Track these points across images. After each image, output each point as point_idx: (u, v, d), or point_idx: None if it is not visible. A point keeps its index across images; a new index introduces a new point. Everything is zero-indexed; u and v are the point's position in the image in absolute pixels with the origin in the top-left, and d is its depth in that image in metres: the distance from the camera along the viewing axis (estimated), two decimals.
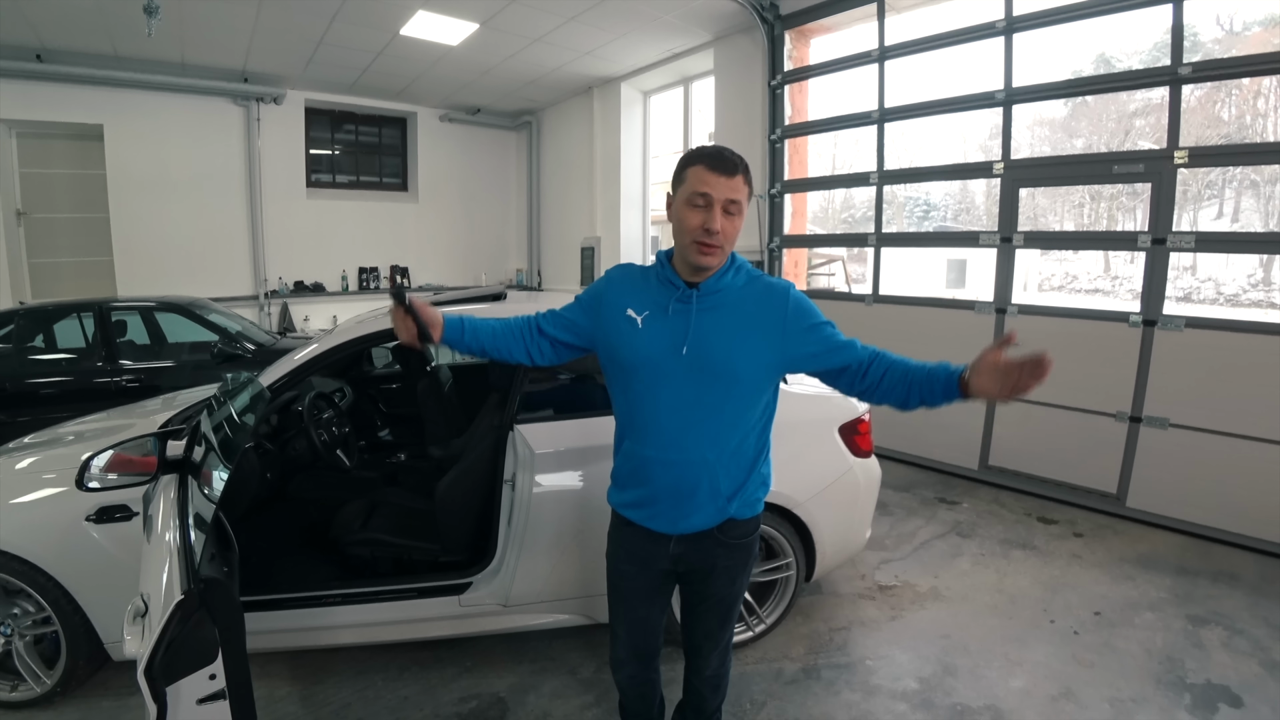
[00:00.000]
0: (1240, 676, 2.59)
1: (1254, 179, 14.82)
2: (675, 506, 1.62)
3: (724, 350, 1.55)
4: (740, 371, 1.57)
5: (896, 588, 3.33)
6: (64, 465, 2.36)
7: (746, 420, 1.62)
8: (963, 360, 1.49)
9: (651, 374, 1.58)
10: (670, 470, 1.60)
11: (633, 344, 1.60)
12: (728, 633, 1.84)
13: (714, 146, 1.57)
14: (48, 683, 2.40)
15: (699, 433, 1.58)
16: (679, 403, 1.57)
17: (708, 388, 1.56)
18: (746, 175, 1.55)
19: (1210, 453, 3.79)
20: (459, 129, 9.60)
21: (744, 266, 1.66)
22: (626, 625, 1.82)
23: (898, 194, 13.14)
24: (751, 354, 1.57)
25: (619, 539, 1.77)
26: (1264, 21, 6.71)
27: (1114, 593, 3.25)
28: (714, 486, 1.60)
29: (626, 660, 1.86)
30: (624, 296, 1.65)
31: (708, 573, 1.71)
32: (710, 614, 1.79)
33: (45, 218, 7.22)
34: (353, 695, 2.51)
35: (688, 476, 1.59)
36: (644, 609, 1.79)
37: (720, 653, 1.85)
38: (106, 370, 4.96)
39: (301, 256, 8.59)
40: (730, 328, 1.57)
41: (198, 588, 1.32)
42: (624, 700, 1.97)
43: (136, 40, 6.19)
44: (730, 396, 1.58)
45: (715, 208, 1.50)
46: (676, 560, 1.69)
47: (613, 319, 1.64)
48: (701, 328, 1.56)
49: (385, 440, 4.16)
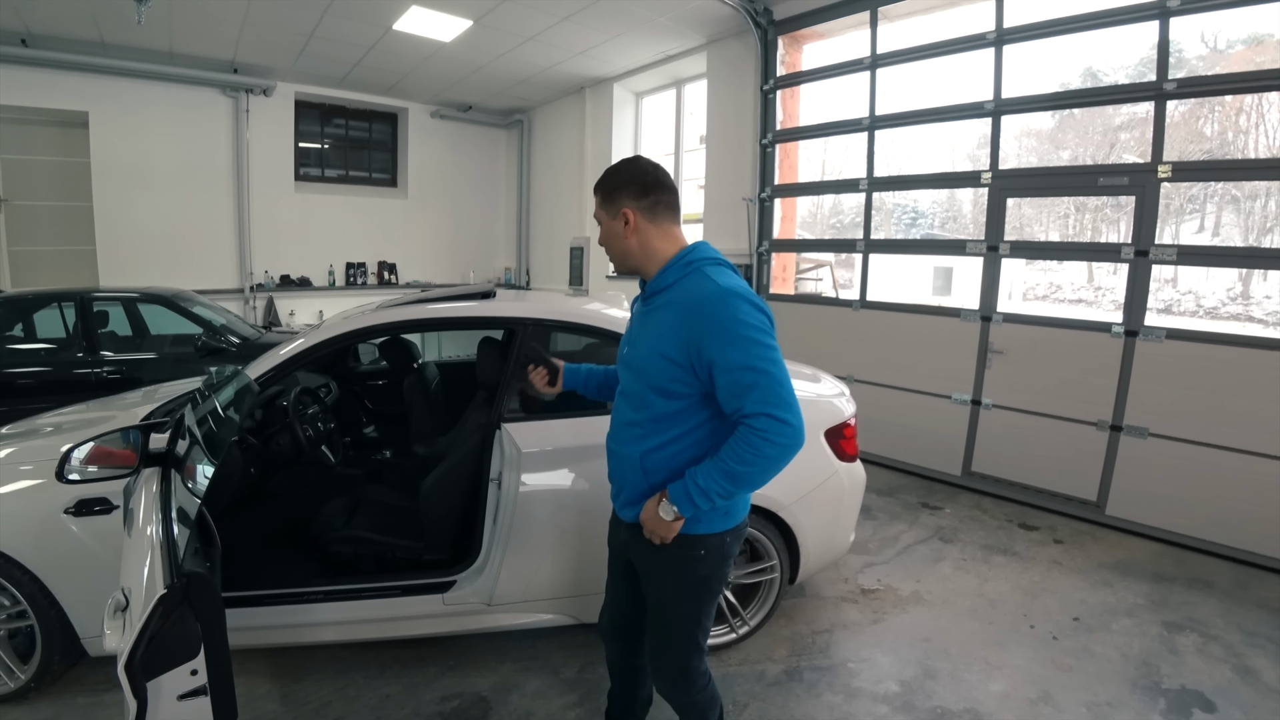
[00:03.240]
0: (1214, 681, 2.64)
1: (1235, 194, 15.07)
2: (620, 493, 1.77)
3: (643, 353, 1.64)
4: (648, 373, 1.61)
5: (879, 591, 3.36)
6: (42, 457, 2.33)
7: (674, 426, 1.61)
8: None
9: (618, 371, 1.80)
10: (613, 459, 1.77)
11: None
12: (678, 658, 1.74)
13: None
14: (22, 678, 2.36)
15: (626, 430, 1.71)
16: (620, 399, 1.76)
17: (631, 387, 1.69)
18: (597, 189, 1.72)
19: (1188, 462, 3.86)
20: (450, 126, 9.56)
21: (696, 262, 1.61)
22: (610, 595, 1.98)
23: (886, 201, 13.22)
24: (659, 357, 1.57)
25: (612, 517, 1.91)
26: (1247, 40, 6.83)
27: (1092, 598, 3.30)
28: (640, 483, 1.68)
29: (608, 632, 2.00)
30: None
31: (643, 567, 1.77)
32: (652, 623, 1.77)
33: (26, 205, 7.09)
34: (333, 693, 2.50)
35: (622, 468, 1.73)
36: (620, 586, 1.91)
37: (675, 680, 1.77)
38: (87, 361, 4.89)
39: (288, 250, 8.50)
40: (654, 330, 1.62)
41: (181, 582, 1.31)
42: (612, 684, 2.08)
43: (124, 27, 6.10)
44: (645, 398, 1.64)
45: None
46: (627, 546, 1.79)
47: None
48: (639, 328, 1.71)
49: (370, 437, 4.13)
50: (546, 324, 2.69)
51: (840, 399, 3.02)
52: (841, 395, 3.07)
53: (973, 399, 4.77)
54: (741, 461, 1.47)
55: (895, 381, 5.22)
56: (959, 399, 4.83)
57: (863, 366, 5.37)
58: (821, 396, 3.01)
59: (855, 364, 5.38)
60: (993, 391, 4.69)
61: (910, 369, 5.13)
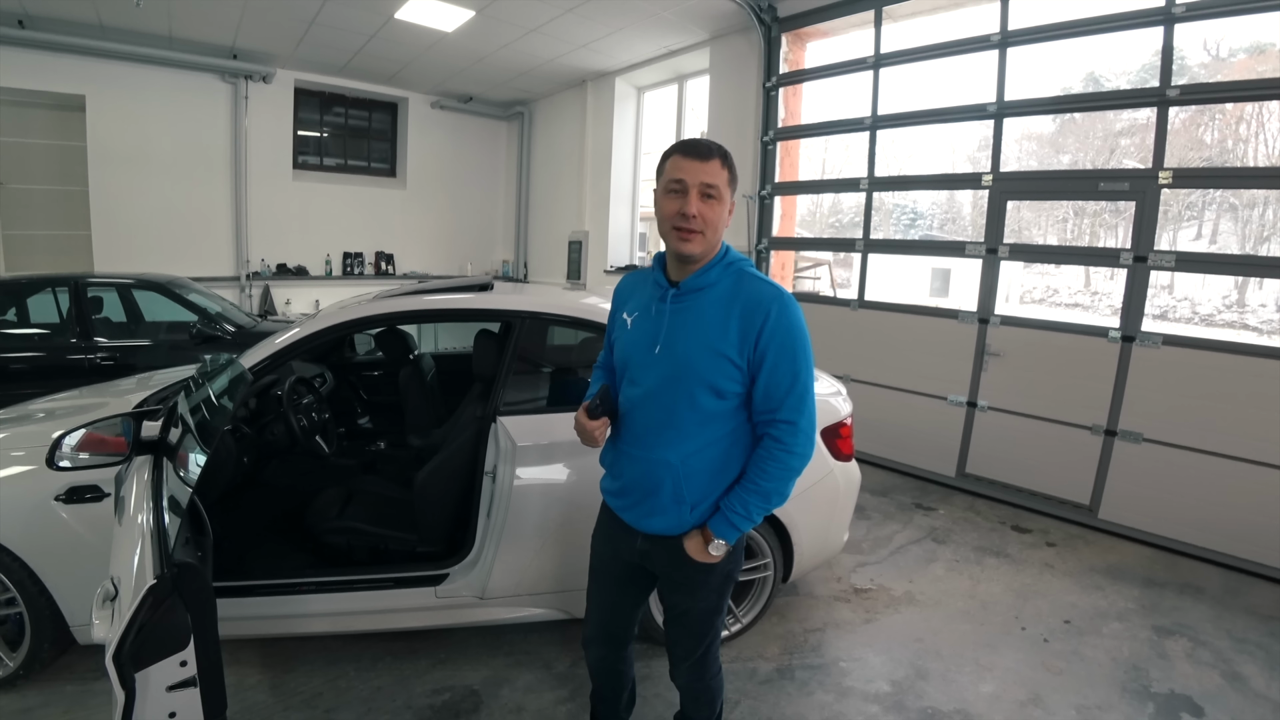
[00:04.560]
0: (1202, 687, 2.65)
1: (1233, 202, 15.12)
2: (641, 502, 1.66)
3: (691, 348, 1.55)
4: (703, 371, 1.53)
5: (872, 591, 3.36)
6: (33, 443, 2.31)
7: (714, 428, 1.58)
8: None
9: (633, 371, 1.64)
10: (636, 466, 1.65)
11: (622, 344, 1.69)
12: (700, 649, 1.78)
13: (691, 139, 1.63)
14: (10, 665, 2.35)
15: (660, 433, 1.60)
16: (648, 400, 1.60)
17: (671, 386, 1.57)
18: (725, 160, 1.56)
19: (1181, 468, 3.87)
20: (450, 116, 9.51)
21: (737, 263, 1.61)
22: (597, 605, 1.88)
23: (885, 201, 13.24)
24: (717, 355, 1.53)
25: (601, 520, 1.84)
26: (1249, 49, 6.84)
27: (1084, 602, 3.31)
28: (676, 491, 1.60)
29: (595, 639, 1.91)
30: (625, 302, 1.73)
31: (670, 580, 1.72)
32: (676, 624, 1.77)
33: (22, 188, 7.04)
34: (324, 685, 2.49)
35: (651, 475, 1.62)
36: (615, 594, 1.84)
37: (693, 666, 1.80)
38: (80, 347, 4.86)
39: (285, 239, 8.46)
40: (702, 325, 1.55)
41: (171, 572, 1.30)
42: (594, 685, 2.02)
43: (123, 10, 6.05)
44: (694, 398, 1.55)
45: (691, 192, 1.52)
46: (644, 557, 1.71)
47: (614, 325, 1.77)
48: (675, 326, 1.58)
49: (365, 428, 4.11)
50: (544, 317, 2.68)
51: (837, 398, 3.02)
52: (838, 394, 3.07)
53: (968, 401, 4.78)
54: (771, 478, 1.56)
55: (891, 382, 5.23)
56: (955, 400, 4.84)
57: (859, 366, 5.37)
58: (818, 395, 3.00)
59: (852, 363, 5.38)
60: (988, 394, 4.70)
61: (907, 370, 5.13)
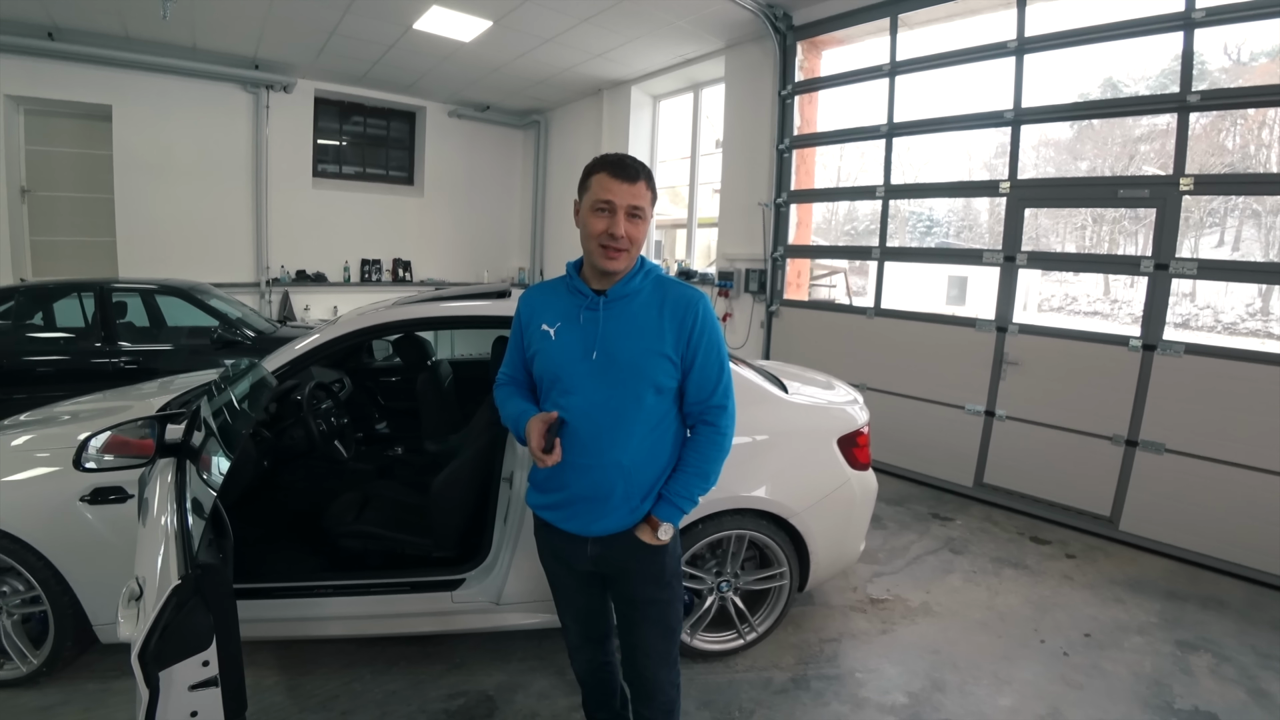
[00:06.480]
0: (1226, 703, 2.60)
1: (1255, 209, 14.91)
2: (589, 510, 1.67)
3: (632, 352, 1.60)
4: (648, 372, 1.60)
5: (888, 601, 3.33)
6: (59, 444, 2.35)
7: (652, 423, 1.65)
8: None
9: (565, 382, 1.64)
10: (586, 475, 1.65)
11: (548, 354, 1.67)
12: (664, 644, 1.78)
13: (616, 155, 1.67)
14: (34, 662, 2.39)
15: (611, 437, 1.62)
16: (590, 408, 1.61)
17: (617, 391, 1.61)
18: (649, 181, 1.65)
19: (1204, 479, 3.80)
20: (467, 125, 9.61)
21: (653, 271, 1.72)
22: (570, 616, 1.91)
23: (901, 208, 13.17)
24: (659, 356, 1.62)
25: (542, 539, 1.83)
26: (1271, 53, 6.75)
27: (1104, 615, 3.26)
28: (628, 490, 1.65)
29: (580, 645, 1.93)
30: (539, 314, 1.72)
31: (629, 574, 1.73)
32: (640, 619, 1.76)
33: (49, 196, 7.19)
34: (340, 688, 2.51)
35: (603, 482, 1.64)
36: (581, 599, 1.86)
37: (656, 662, 1.78)
38: (104, 351, 4.94)
39: (304, 246, 8.57)
40: (638, 330, 1.62)
41: (194, 574, 1.32)
42: (585, 692, 2.03)
43: (148, 22, 6.19)
44: (640, 399, 1.62)
45: (619, 213, 1.59)
46: (597, 561, 1.73)
47: (532, 337, 1.72)
48: (609, 332, 1.62)
49: (382, 433, 4.15)
50: None
51: (853, 406, 3.01)
52: (855, 403, 3.06)
53: (986, 410, 4.73)
54: (710, 461, 1.69)
55: (908, 390, 5.19)
56: (972, 409, 4.79)
57: (876, 375, 5.34)
58: (834, 404, 3.00)
59: (868, 372, 5.35)
60: (1007, 403, 4.65)
61: (924, 378, 5.09)
